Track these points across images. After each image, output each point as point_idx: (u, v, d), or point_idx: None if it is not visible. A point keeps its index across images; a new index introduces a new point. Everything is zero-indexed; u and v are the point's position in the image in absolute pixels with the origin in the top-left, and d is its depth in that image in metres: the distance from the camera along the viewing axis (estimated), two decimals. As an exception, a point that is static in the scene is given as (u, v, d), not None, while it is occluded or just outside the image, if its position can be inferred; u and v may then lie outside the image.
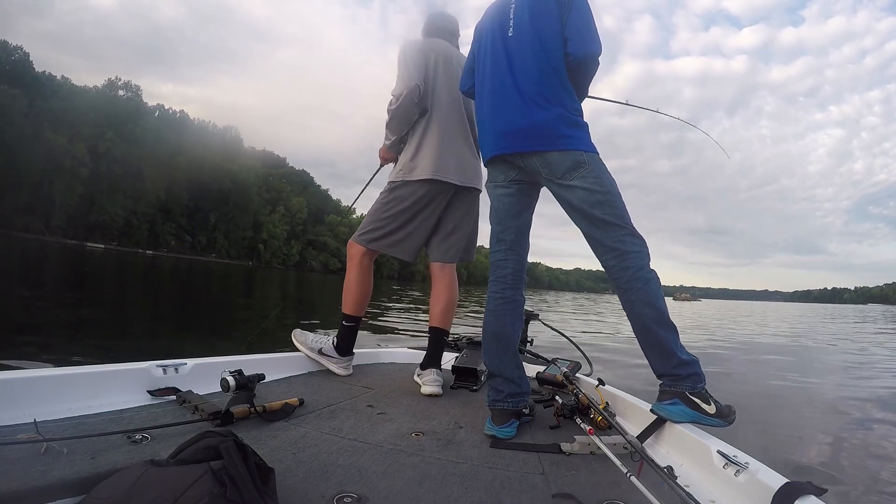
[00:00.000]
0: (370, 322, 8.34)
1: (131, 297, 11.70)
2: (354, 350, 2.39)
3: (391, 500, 1.14)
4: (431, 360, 2.29)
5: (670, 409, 1.59)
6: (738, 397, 4.55)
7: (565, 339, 3.37)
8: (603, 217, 1.64)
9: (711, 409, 1.58)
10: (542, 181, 1.75)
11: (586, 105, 1.82)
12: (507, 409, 1.70)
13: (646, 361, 1.66)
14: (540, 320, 3.30)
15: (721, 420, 1.59)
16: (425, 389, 2.13)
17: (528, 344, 3.14)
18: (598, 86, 1.83)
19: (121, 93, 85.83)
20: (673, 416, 1.59)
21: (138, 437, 1.30)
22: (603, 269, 1.70)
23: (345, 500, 1.10)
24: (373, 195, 2.49)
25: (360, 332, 2.42)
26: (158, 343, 5.66)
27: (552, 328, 3.47)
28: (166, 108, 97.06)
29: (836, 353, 10.22)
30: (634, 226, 1.67)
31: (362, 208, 2.57)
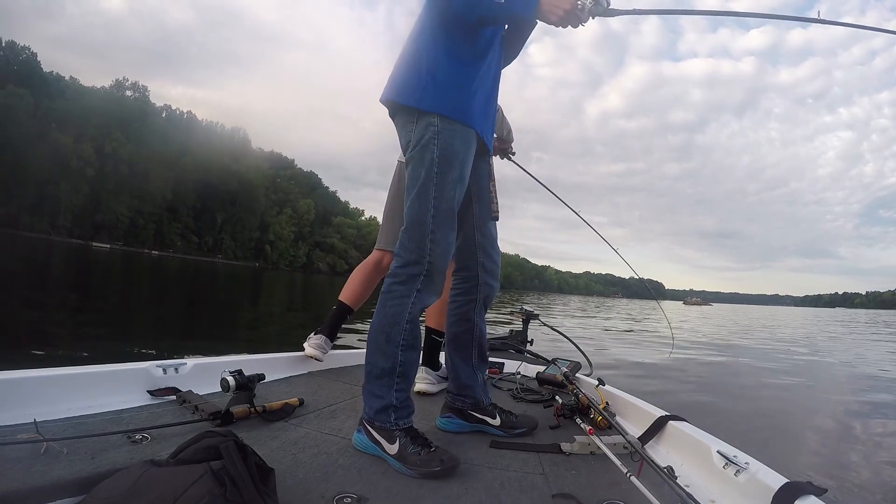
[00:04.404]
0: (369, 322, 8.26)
1: (135, 297, 11.75)
2: (356, 349, 2.40)
3: (391, 500, 1.14)
4: (424, 360, 2.32)
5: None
6: (739, 398, 4.53)
7: (565, 340, 3.36)
8: (407, 209, 1.43)
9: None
10: None
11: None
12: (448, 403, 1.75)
13: (647, 361, 1.65)
14: (540, 320, 3.29)
15: None
16: (415, 388, 2.16)
17: (528, 344, 3.13)
18: (605, 88, 1.73)
19: (128, 93, 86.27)
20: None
21: (138, 437, 1.31)
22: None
23: (345, 500, 1.10)
24: (381, 197, 2.50)
25: (363, 331, 2.43)
26: (161, 343, 5.68)
27: (552, 328, 3.46)
28: (173, 108, 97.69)
29: (839, 354, 10.14)
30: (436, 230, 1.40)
31: (371, 211, 2.57)
